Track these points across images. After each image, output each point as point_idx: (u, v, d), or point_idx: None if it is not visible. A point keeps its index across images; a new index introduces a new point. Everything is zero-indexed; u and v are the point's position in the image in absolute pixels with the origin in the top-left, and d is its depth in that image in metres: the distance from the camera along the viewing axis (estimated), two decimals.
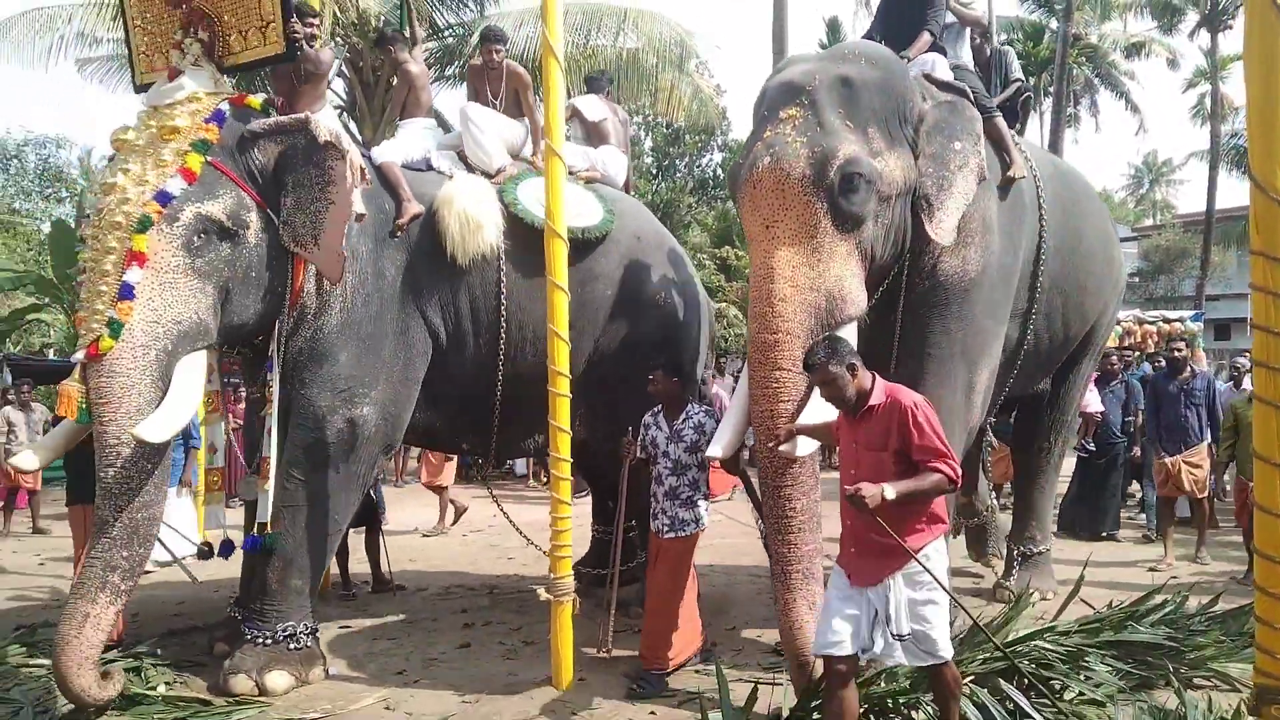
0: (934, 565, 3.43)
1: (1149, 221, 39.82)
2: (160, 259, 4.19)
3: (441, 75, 13.43)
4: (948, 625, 3.52)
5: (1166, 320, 13.50)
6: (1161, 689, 4.34)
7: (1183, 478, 7.44)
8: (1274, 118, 3.11)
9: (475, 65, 6.11)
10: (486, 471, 11.82)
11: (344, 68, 12.39)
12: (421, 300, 5.20)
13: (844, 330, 4.17)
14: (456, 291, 5.32)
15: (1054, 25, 24.46)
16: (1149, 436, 7.94)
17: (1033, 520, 6.45)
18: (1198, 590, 5.74)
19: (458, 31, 13.40)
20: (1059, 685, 4.17)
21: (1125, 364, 10.05)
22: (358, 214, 4.75)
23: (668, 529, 4.82)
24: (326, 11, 9.92)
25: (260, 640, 4.64)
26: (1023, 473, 6.71)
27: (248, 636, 4.67)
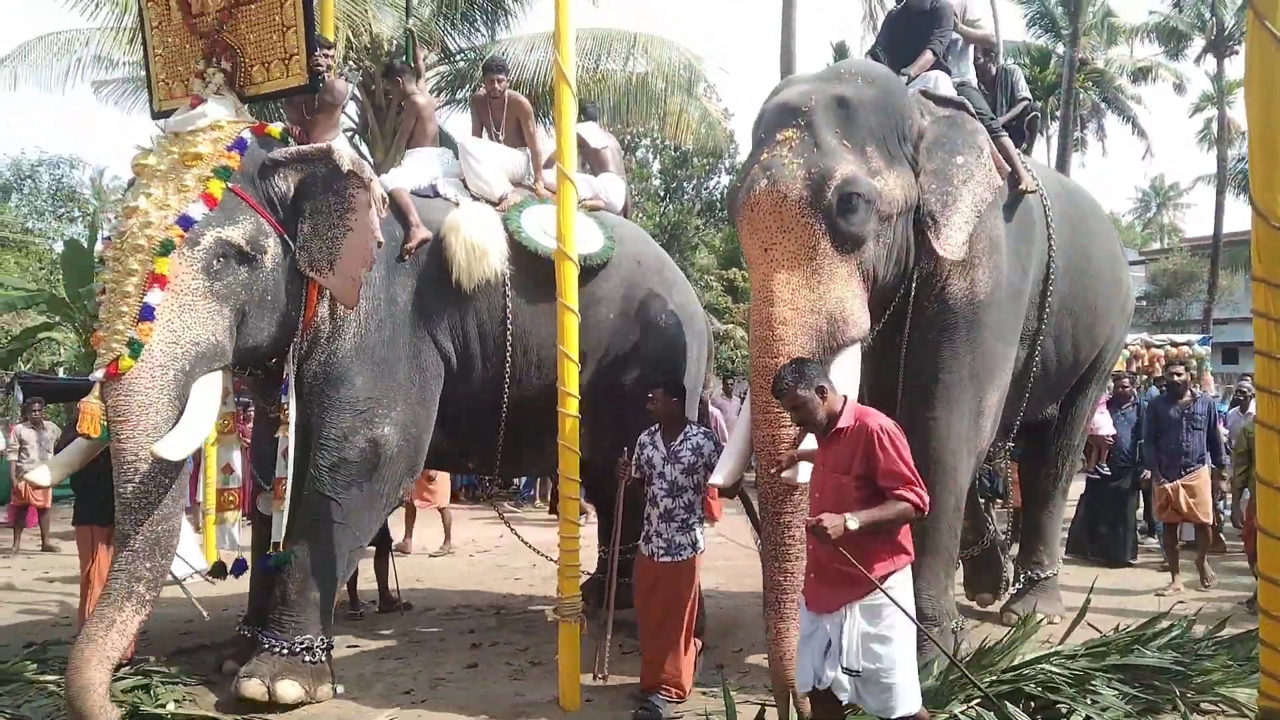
0: (898, 595, 3.28)
1: (1156, 245, 39.81)
2: (180, 281, 4.27)
3: (453, 99, 13.58)
4: (913, 672, 3.35)
5: (1174, 344, 13.46)
6: (1168, 713, 4.33)
7: (1182, 502, 7.37)
8: (1275, 145, 3.13)
9: (479, 96, 6.29)
10: (492, 491, 11.90)
11: (357, 91, 12.52)
12: (431, 324, 5.29)
13: (848, 352, 4.14)
14: (464, 316, 5.41)
15: (1060, 50, 24.54)
16: (1147, 461, 7.87)
17: (1040, 545, 6.42)
18: (1205, 615, 5.72)
19: (469, 56, 13.56)
20: (1065, 709, 4.16)
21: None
22: (378, 241, 4.83)
23: (664, 553, 4.70)
24: (340, 36, 10.06)
25: (276, 650, 4.69)
26: (1030, 497, 6.68)
27: (264, 645, 4.71)
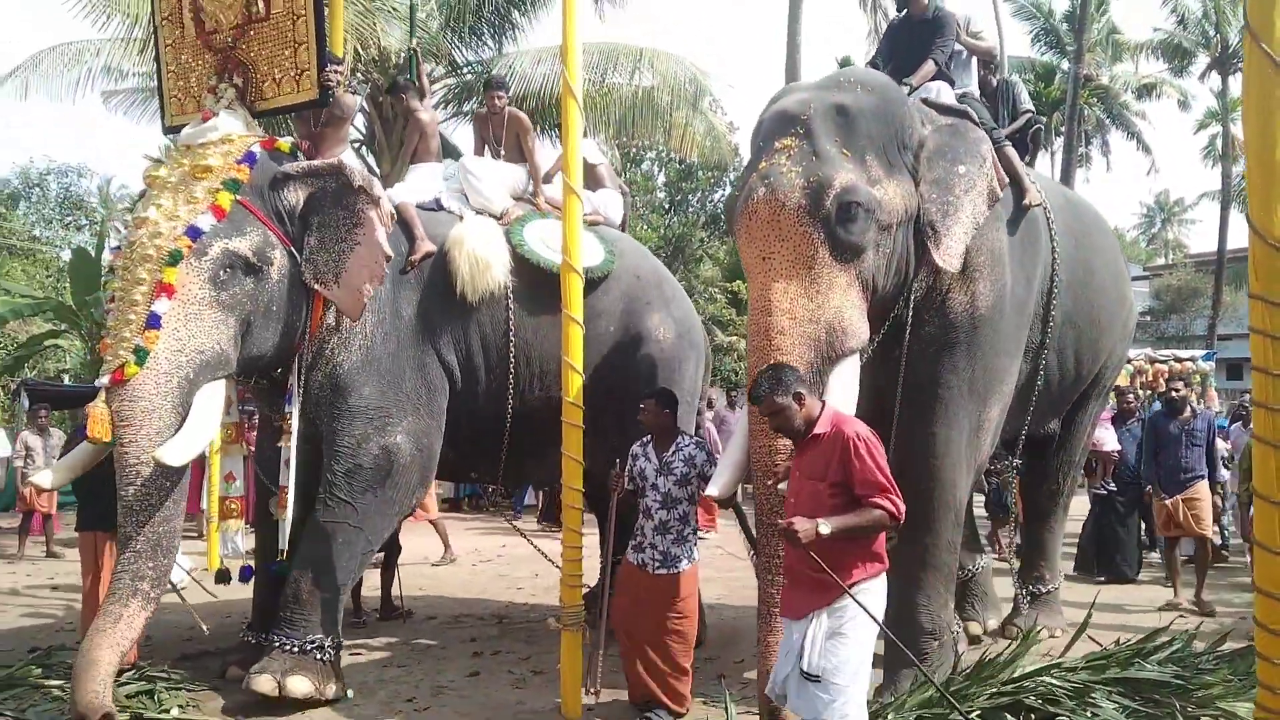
0: (868, 602, 3.26)
1: (1161, 260, 39.86)
2: (187, 291, 4.34)
3: (460, 112, 13.66)
4: (863, 686, 3.31)
5: (1178, 359, 13.47)
6: None
7: (1182, 517, 7.33)
8: (1272, 165, 3.15)
9: (480, 114, 6.43)
10: (495, 499, 11.93)
11: (364, 103, 12.60)
12: (436, 337, 5.36)
13: (846, 363, 4.12)
14: (468, 328, 5.48)
15: (1065, 66, 24.64)
16: (1146, 477, 7.82)
17: (1042, 560, 6.42)
18: (1205, 629, 5.72)
19: (476, 69, 13.64)
20: None
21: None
22: (389, 256, 4.87)
23: (659, 564, 4.64)
24: (348, 49, 10.14)
25: (288, 647, 4.73)
26: (1031, 513, 6.67)
27: (276, 643, 4.76)
